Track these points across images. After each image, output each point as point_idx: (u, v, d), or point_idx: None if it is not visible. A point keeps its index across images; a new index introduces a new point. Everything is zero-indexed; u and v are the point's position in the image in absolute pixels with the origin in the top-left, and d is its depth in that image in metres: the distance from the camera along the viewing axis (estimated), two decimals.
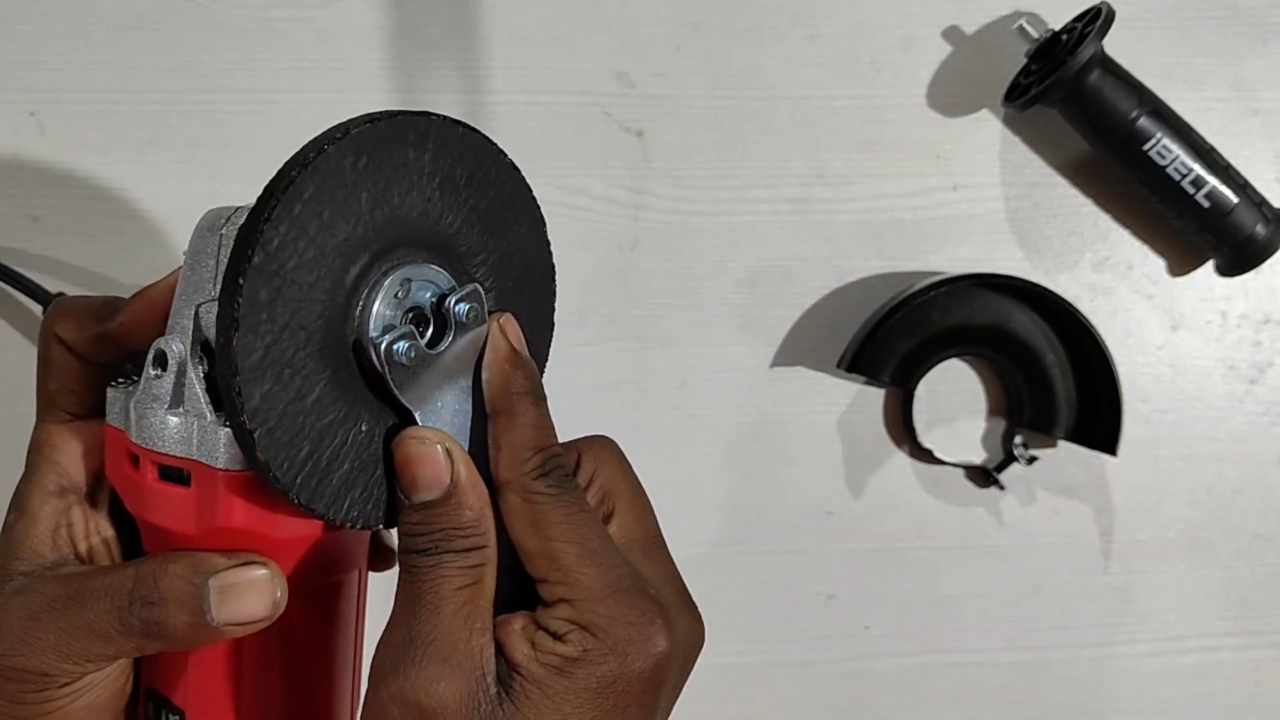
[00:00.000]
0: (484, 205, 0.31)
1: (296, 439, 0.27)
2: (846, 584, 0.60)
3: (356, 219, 0.27)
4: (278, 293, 0.26)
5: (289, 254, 0.26)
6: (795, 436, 0.59)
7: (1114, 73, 0.55)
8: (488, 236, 0.31)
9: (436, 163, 0.29)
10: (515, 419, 0.29)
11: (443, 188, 0.29)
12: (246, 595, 0.28)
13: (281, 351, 0.26)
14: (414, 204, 0.29)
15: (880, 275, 0.59)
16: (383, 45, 0.57)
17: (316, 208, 0.26)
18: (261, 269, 0.26)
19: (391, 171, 0.28)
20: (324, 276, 0.27)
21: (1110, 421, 0.56)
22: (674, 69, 0.58)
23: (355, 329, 0.28)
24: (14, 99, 0.55)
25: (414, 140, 0.28)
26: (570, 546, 0.28)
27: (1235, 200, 0.55)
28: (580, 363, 0.58)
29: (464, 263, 0.31)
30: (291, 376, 0.27)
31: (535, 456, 0.29)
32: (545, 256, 0.34)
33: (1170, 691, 0.61)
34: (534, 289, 0.33)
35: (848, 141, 0.59)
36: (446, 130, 0.29)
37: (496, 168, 0.31)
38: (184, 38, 0.56)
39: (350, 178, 0.27)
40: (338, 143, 0.27)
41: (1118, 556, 0.60)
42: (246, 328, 0.25)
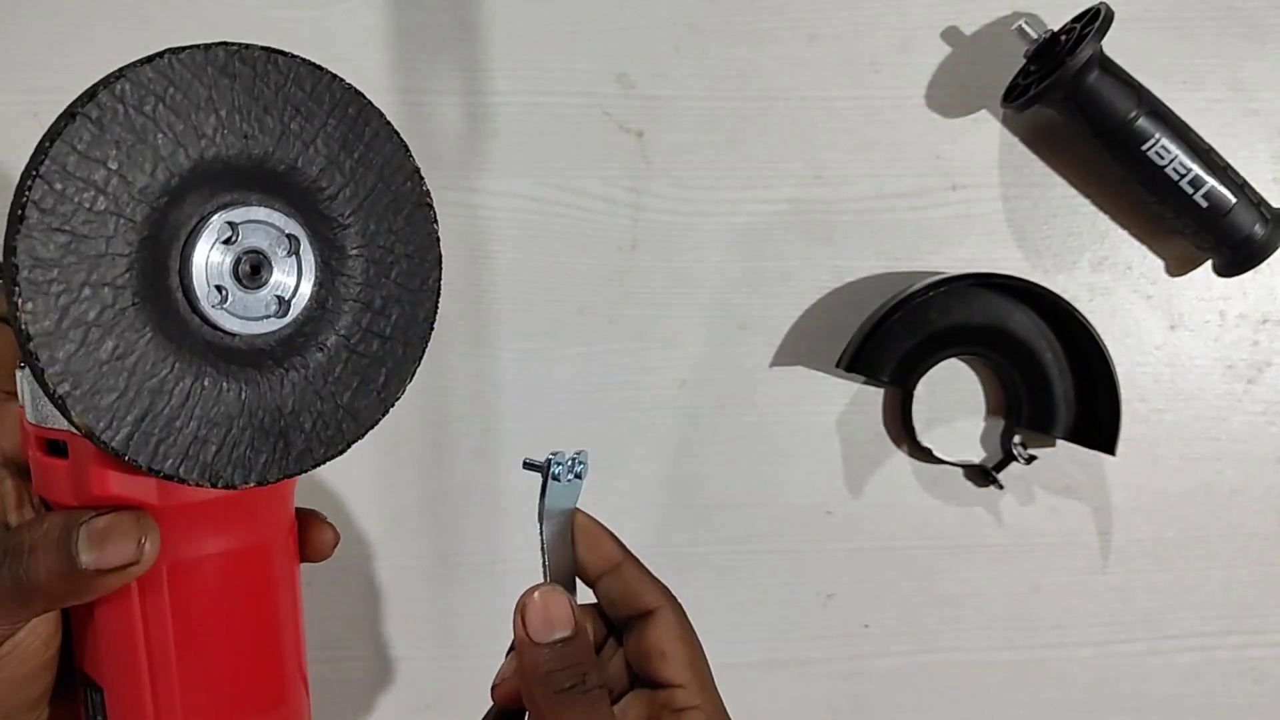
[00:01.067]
0: (320, 135, 0.29)
1: (121, 399, 0.26)
2: (846, 583, 0.60)
3: (155, 164, 0.26)
4: (66, 249, 0.25)
5: (70, 208, 0.25)
6: (795, 436, 0.59)
7: (1113, 73, 0.55)
8: (332, 168, 0.29)
9: (249, 95, 0.27)
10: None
11: (261, 122, 0.27)
12: (112, 539, 0.28)
13: (85, 311, 0.25)
14: (229, 143, 0.27)
15: (880, 275, 0.59)
16: (383, 45, 0.57)
17: (99, 155, 0.25)
18: (38, 226, 0.24)
19: (191, 110, 0.26)
20: (124, 228, 0.26)
21: (1109, 421, 0.57)
22: (673, 69, 0.58)
23: (180, 281, 0.27)
24: (16, 100, 0.55)
25: (213, 75, 0.27)
26: (706, 667, 0.36)
27: (1233, 200, 0.55)
28: (580, 363, 0.58)
29: (311, 198, 0.29)
30: (102, 337, 0.25)
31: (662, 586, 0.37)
32: (413, 181, 0.31)
33: (1169, 691, 0.61)
34: (406, 217, 0.31)
35: (847, 141, 0.59)
36: (252, 59, 0.27)
37: (330, 94, 0.29)
38: (184, 38, 0.55)
39: (137, 121, 0.26)
40: (110, 86, 0.25)
41: (1116, 556, 0.60)
42: (32, 289, 0.24)
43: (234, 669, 0.31)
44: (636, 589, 0.36)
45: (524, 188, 0.57)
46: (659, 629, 0.35)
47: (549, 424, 0.58)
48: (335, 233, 0.29)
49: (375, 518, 0.57)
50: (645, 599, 0.36)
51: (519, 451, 0.37)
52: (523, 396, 0.58)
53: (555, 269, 0.57)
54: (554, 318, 0.58)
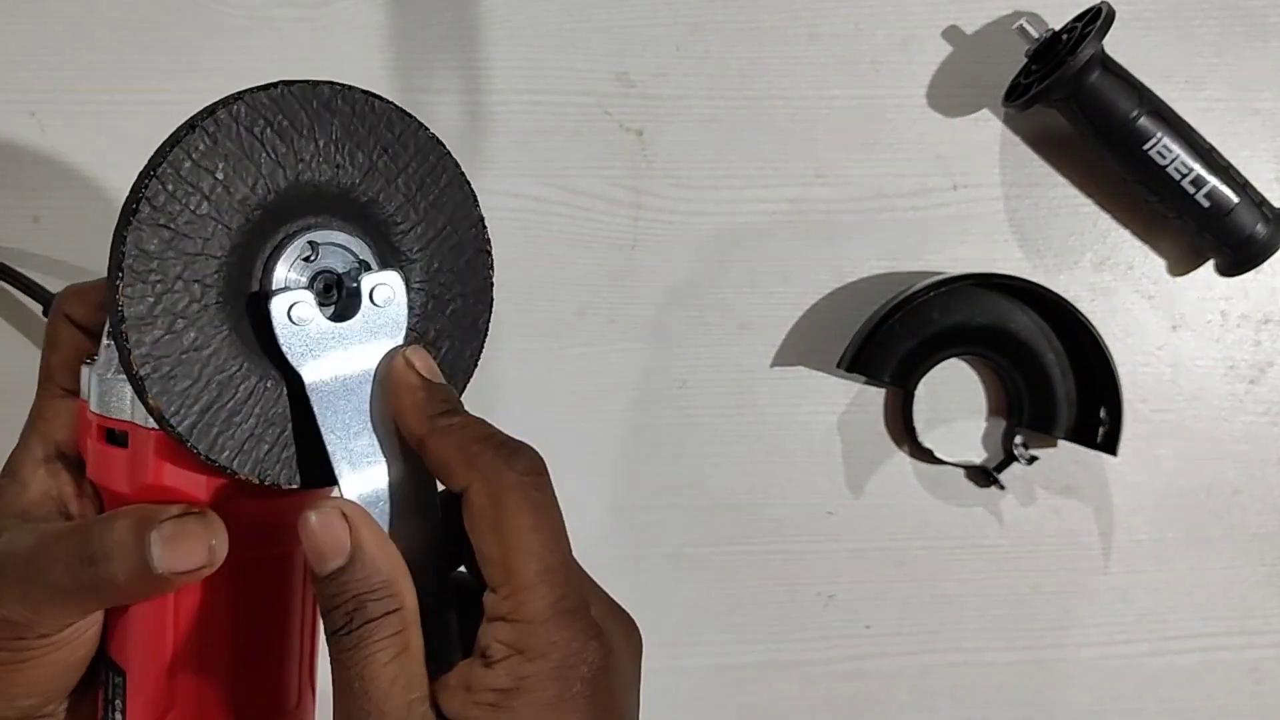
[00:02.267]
0: (402, 175, 0.31)
1: (193, 388, 0.28)
2: (846, 584, 0.60)
3: (256, 180, 0.28)
4: (168, 244, 0.27)
5: (178, 208, 0.27)
6: (795, 436, 0.59)
7: (1114, 72, 0.55)
8: (408, 206, 0.31)
9: (346, 130, 0.30)
10: (457, 431, 0.29)
11: (352, 156, 0.30)
12: (185, 542, 0.28)
13: (175, 302, 0.27)
14: (322, 170, 0.29)
15: (880, 275, 0.59)
16: (383, 45, 0.57)
17: (209, 165, 0.27)
18: (148, 220, 0.27)
19: (294, 137, 0.29)
20: (220, 233, 0.28)
21: (1110, 421, 0.56)
22: (674, 69, 0.58)
23: (260, 288, 0.29)
24: (14, 99, 0.55)
25: (317, 108, 0.29)
26: (530, 561, 0.27)
27: (1235, 200, 0.55)
28: (581, 363, 0.58)
29: (385, 231, 0.31)
30: (186, 327, 0.28)
31: (494, 447, 0.28)
32: (477, 229, 0.33)
33: (1170, 691, 0.61)
34: (467, 261, 0.33)
35: (848, 141, 0.59)
36: (353, 100, 0.30)
37: (415, 140, 0.31)
38: (184, 38, 0.56)
39: (246, 140, 0.28)
40: (229, 106, 0.28)
41: (1118, 556, 0.60)
42: (133, 276, 0.27)
43: (253, 669, 0.32)
44: (442, 464, 0.29)
45: (524, 187, 0.57)
46: (466, 517, 0.28)
47: (549, 424, 0.57)
48: (403, 266, 0.31)
49: None
50: (451, 477, 0.28)
51: None
52: (523, 396, 0.58)
53: (555, 269, 0.57)
54: (554, 318, 0.58)
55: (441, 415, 0.29)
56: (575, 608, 0.27)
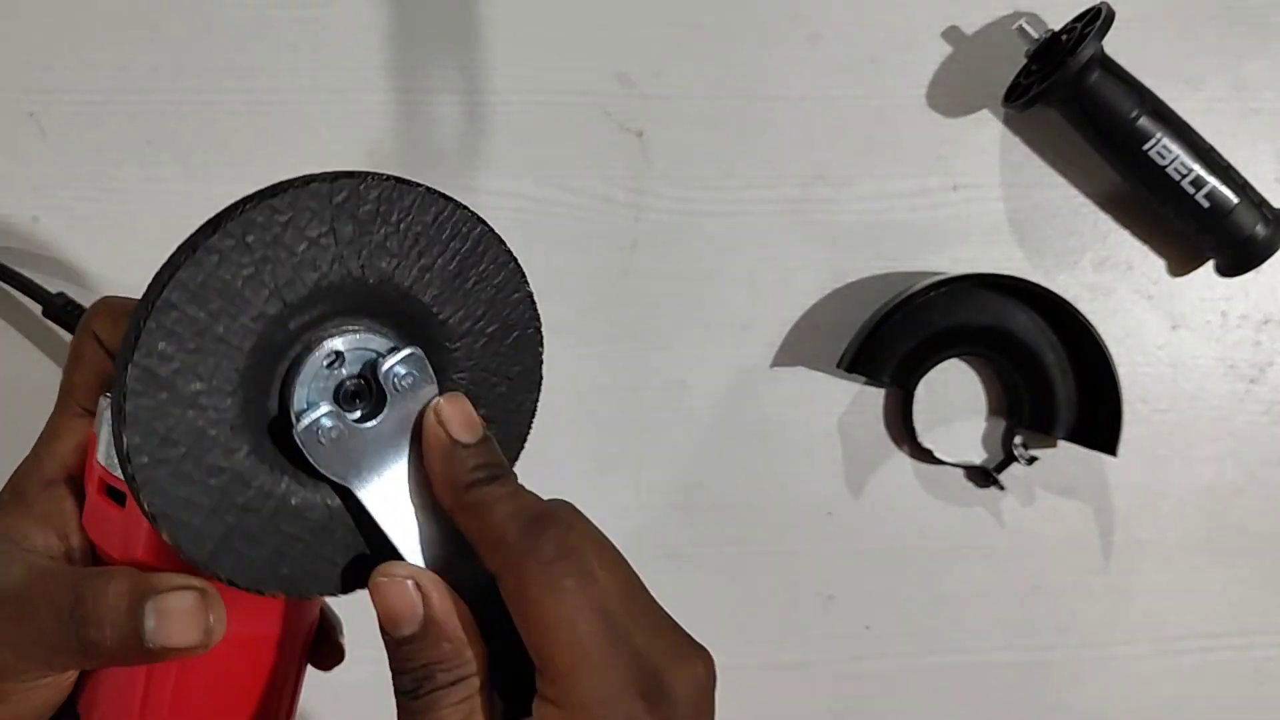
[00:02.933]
0: (437, 261, 0.29)
1: (207, 521, 0.26)
2: (846, 584, 0.59)
3: (269, 295, 0.26)
4: (175, 374, 0.25)
5: (184, 338, 0.25)
6: (795, 437, 0.59)
7: (1114, 73, 0.55)
8: (445, 292, 0.29)
9: (365, 226, 0.27)
10: (484, 510, 0.28)
11: (377, 252, 0.28)
12: (180, 619, 0.27)
13: (185, 432, 0.26)
14: (346, 269, 0.27)
15: (880, 275, 0.59)
16: (383, 45, 0.57)
17: (215, 287, 0.25)
18: (146, 373, 0.25)
19: (306, 242, 0.26)
20: (232, 357, 0.26)
21: (1110, 421, 0.56)
22: (674, 69, 0.58)
23: (280, 402, 0.27)
24: (14, 99, 0.55)
25: (334, 205, 0.27)
26: (563, 652, 0.26)
27: (1235, 200, 0.55)
28: (580, 363, 0.58)
29: (421, 319, 0.29)
30: (199, 456, 0.26)
31: (518, 529, 0.27)
32: (526, 308, 0.32)
33: (1171, 691, 0.61)
34: (513, 344, 0.31)
35: (848, 141, 0.59)
36: (379, 189, 0.27)
37: (451, 222, 0.29)
38: (184, 37, 0.56)
39: (256, 253, 0.26)
40: (232, 219, 0.25)
41: (1118, 556, 0.60)
42: (138, 409, 0.25)
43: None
44: (472, 542, 0.28)
45: (524, 187, 0.57)
46: (506, 599, 0.27)
47: (549, 424, 0.57)
48: (442, 356, 0.30)
49: None
50: (481, 557, 0.28)
51: None
52: None
53: (556, 269, 0.57)
54: (554, 318, 0.57)
55: (470, 487, 0.28)
56: (622, 689, 0.26)
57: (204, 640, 0.28)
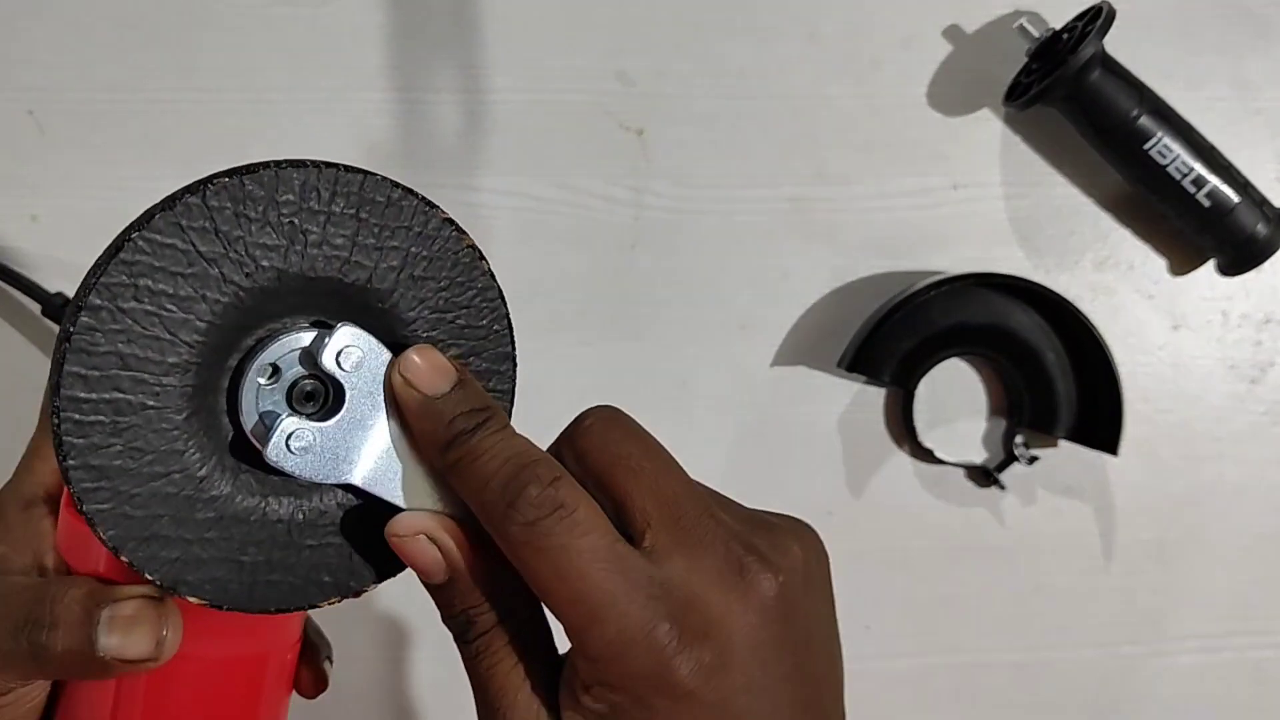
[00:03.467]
0: (381, 247, 0.27)
1: (163, 543, 0.26)
2: (846, 584, 0.59)
3: (201, 301, 0.25)
4: (111, 388, 0.24)
5: (116, 339, 0.25)
6: (795, 436, 0.59)
7: (1114, 72, 0.55)
8: (352, 255, 0.27)
9: (299, 218, 0.26)
10: (465, 472, 0.26)
11: (318, 244, 0.26)
12: (133, 629, 0.27)
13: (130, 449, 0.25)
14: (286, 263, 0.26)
15: (880, 275, 0.59)
16: (383, 45, 0.56)
17: (146, 288, 0.25)
18: (80, 359, 0.24)
19: (240, 240, 0.26)
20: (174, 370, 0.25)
21: (1111, 421, 0.56)
22: (674, 68, 0.58)
23: (234, 420, 0.27)
24: (13, 98, 0.55)
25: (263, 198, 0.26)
26: (569, 609, 0.25)
27: (1236, 200, 0.55)
28: (580, 362, 0.58)
29: (345, 297, 0.28)
30: (150, 467, 0.25)
31: (497, 492, 0.26)
32: (478, 274, 0.30)
33: (1171, 691, 0.60)
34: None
35: (848, 141, 0.59)
36: (301, 175, 0.26)
37: (390, 205, 0.28)
38: (184, 37, 0.56)
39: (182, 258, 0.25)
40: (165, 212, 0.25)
41: (1119, 556, 0.60)
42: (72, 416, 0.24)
43: None
44: (466, 500, 0.28)
45: (524, 186, 0.57)
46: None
47: (549, 424, 0.57)
48: (379, 318, 0.28)
49: None
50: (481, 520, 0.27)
51: None
52: (522, 396, 0.57)
53: (556, 268, 0.57)
54: (555, 317, 0.58)
55: (451, 444, 0.27)
56: (643, 633, 0.25)
57: (155, 653, 0.27)
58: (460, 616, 0.27)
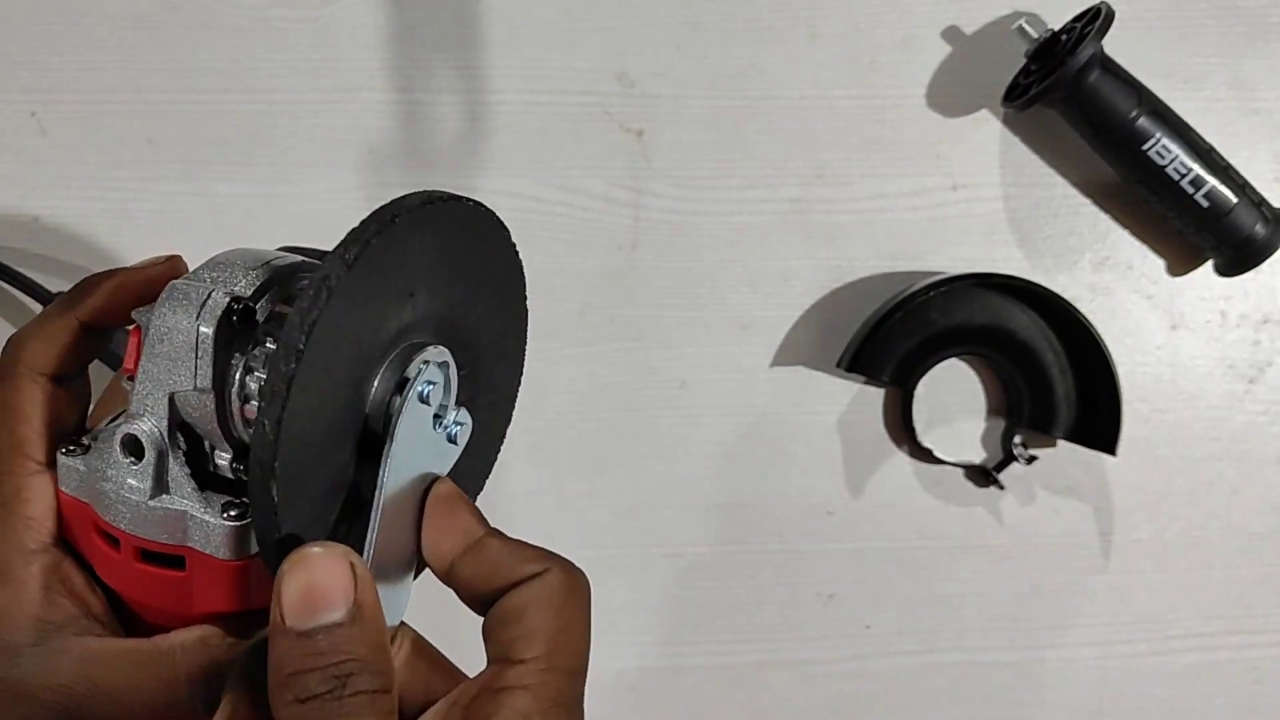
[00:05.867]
0: (486, 287, 0.32)
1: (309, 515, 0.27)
2: (846, 584, 0.60)
3: (391, 318, 0.28)
4: (298, 464, 0.26)
5: (322, 368, 0.26)
6: (795, 436, 0.59)
7: (1113, 72, 0.55)
8: (487, 318, 0.32)
9: (456, 256, 0.30)
10: (459, 579, 0.29)
11: (452, 279, 0.30)
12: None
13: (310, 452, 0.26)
14: (439, 300, 0.30)
15: (880, 275, 0.59)
16: (383, 45, 0.57)
17: (349, 316, 0.26)
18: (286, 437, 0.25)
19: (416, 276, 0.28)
20: (347, 380, 0.27)
21: (1110, 421, 0.56)
22: (674, 68, 0.58)
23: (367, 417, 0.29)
24: (14, 99, 0.55)
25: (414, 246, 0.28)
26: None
27: (1234, 200, 0.55)
28: (580, 362, 0.58)
29: (465, 342, 0.31)
30: (314, 470, 0.27)
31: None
32: (522, 337, 0.34)
33: (1170, 691, 0.61)
34: (508, 360, 0.34)
35: (848, 141, 0.59)
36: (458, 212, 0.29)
37: (502, 250, 0.32)
38: (184, 38, 0.56)
39: (375, 285, 0.27)
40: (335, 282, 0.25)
41: (1117, 556, 0.60)
42: (283, 486, 0.25)
43: None
44: (507, 559, 0.27)
45: (524, 187, 0.57)
46: (524, 594, 0.26)
47: (549, 424, 0.57)
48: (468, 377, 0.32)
49: None
50: (520, 568, 0.27)
51: (518, 452, 0.37)
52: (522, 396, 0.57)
53: (556, 269, 0.57)
54: (554, 318, 0.58)
55: (456, 560, 0.29)
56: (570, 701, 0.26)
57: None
58: (342, 665, 0.23)
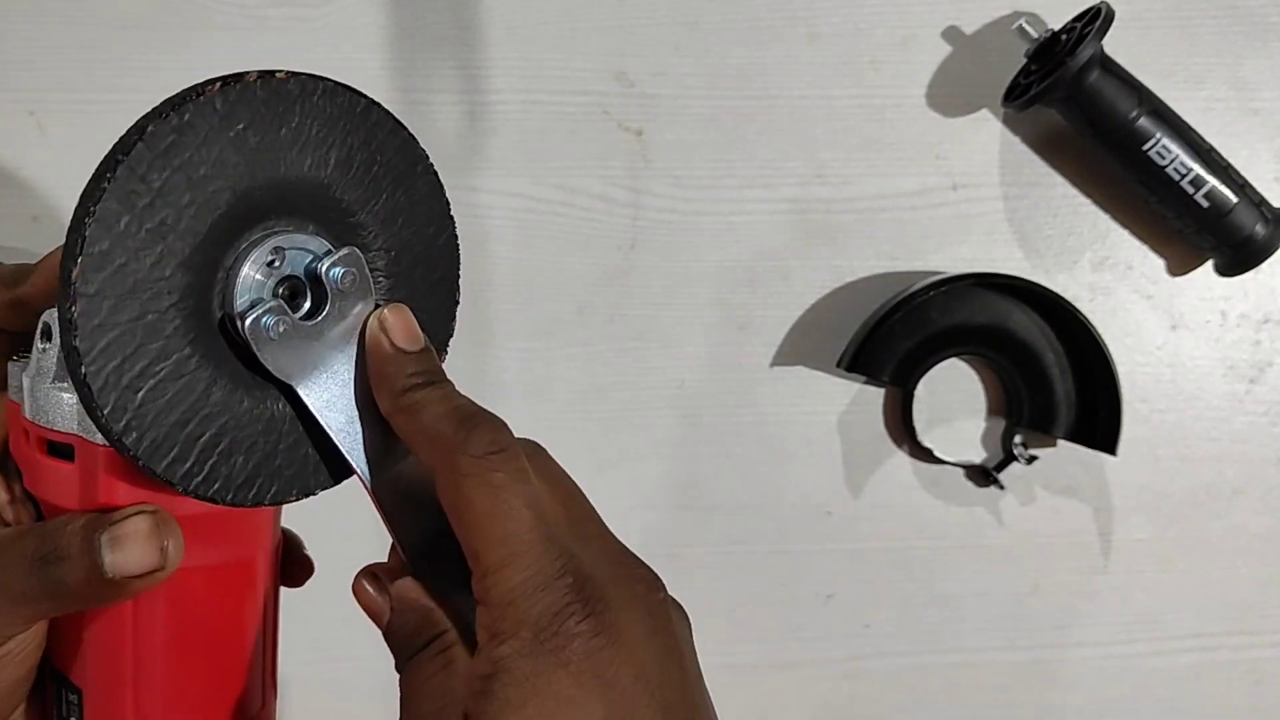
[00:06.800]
0: (373, 171, 0.30)
1: (159, 416, 0.26)
2: (846, 584, 0.60)
3: (218, 185, 0.27)
4: (121, 266, 0.25)
5: (131, 224, 0.25)
6: (795, 436, 0.59)
7: (1113, 73, 0.55)
8: (359, 185, 0.30)
9: (316, 129, 0.28)
10: (420, 410, 0.28)
11: (327, 156, 0.28)
12: (135, 544, 0.27)
13: (133, 324, 0.26)
14: (292, 168, 0.28)
15: (880, 275, 0.59)
16: (382, 45, 0.57)
17: (164, 173, 0.26)
18: (98, 239, 0.25)
19: (263, 135, 0.27)
20: (178, 248, 0.26)
21: (1110, 421, 0.56)
22: (673, 68, 0.58)
23: (223, 302, 0.28)
24: (14, 99, 0.55)
25: (287, 107, 0.27)
26: (492, 547, 0.26)
27: (1234, 200, 0.55)
28: (580, 362, 0.58)
29: (355, 233, 0.30)
30: (146, 350, 0.26)
31: (452, 427, 0.27)
32: (446, 223, 0.32)
33: (1170, 691, 0.61)
34: (435, 257, 0.32)
35: (847, 141, 0.59)
36: (327, 95, 0.28)
37: (385, 132, 0.30)
38: (184, 38, 0.56)
39: (206, 144, 0.26)
40: (182, 108, 0.26)
41: (1117, 556, 0.60)
42: (85, 299, 0.25)
43: (216, 678, 0.32)
44: (409, 444, 0.29)
45: (523, 187, 0.57)
46: (440, 495, 0.28)
47: (549, 423, 0.57)
48: (361, 239, 0.30)
49: (375, 516, 0.57)
50: (419, 458, 0.29)
51: None
52: (523, 396, 0.58)
53: (555, 269, 0.57)
54: (554, 318, 0.58)
55: (409, 390, 0.28)
56: (548, 583, 0.26)
57: (160, 562, 0.28)
58: (404, 645, 0.30)
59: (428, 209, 0.32)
